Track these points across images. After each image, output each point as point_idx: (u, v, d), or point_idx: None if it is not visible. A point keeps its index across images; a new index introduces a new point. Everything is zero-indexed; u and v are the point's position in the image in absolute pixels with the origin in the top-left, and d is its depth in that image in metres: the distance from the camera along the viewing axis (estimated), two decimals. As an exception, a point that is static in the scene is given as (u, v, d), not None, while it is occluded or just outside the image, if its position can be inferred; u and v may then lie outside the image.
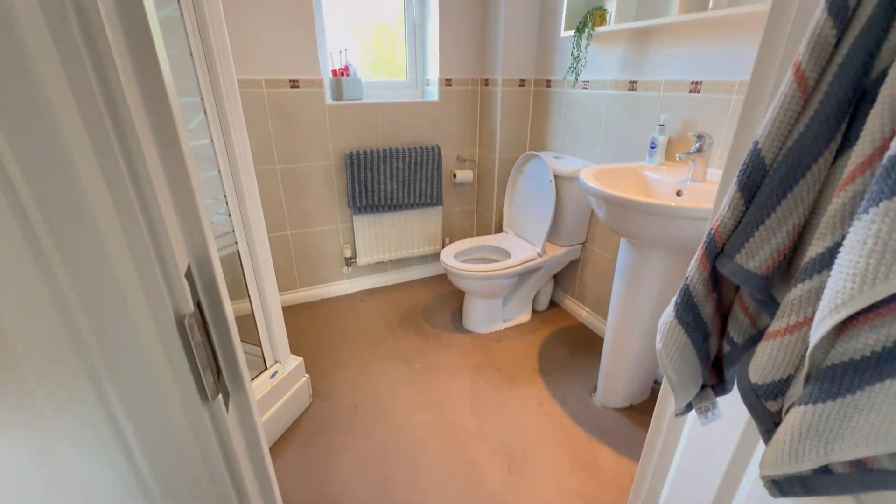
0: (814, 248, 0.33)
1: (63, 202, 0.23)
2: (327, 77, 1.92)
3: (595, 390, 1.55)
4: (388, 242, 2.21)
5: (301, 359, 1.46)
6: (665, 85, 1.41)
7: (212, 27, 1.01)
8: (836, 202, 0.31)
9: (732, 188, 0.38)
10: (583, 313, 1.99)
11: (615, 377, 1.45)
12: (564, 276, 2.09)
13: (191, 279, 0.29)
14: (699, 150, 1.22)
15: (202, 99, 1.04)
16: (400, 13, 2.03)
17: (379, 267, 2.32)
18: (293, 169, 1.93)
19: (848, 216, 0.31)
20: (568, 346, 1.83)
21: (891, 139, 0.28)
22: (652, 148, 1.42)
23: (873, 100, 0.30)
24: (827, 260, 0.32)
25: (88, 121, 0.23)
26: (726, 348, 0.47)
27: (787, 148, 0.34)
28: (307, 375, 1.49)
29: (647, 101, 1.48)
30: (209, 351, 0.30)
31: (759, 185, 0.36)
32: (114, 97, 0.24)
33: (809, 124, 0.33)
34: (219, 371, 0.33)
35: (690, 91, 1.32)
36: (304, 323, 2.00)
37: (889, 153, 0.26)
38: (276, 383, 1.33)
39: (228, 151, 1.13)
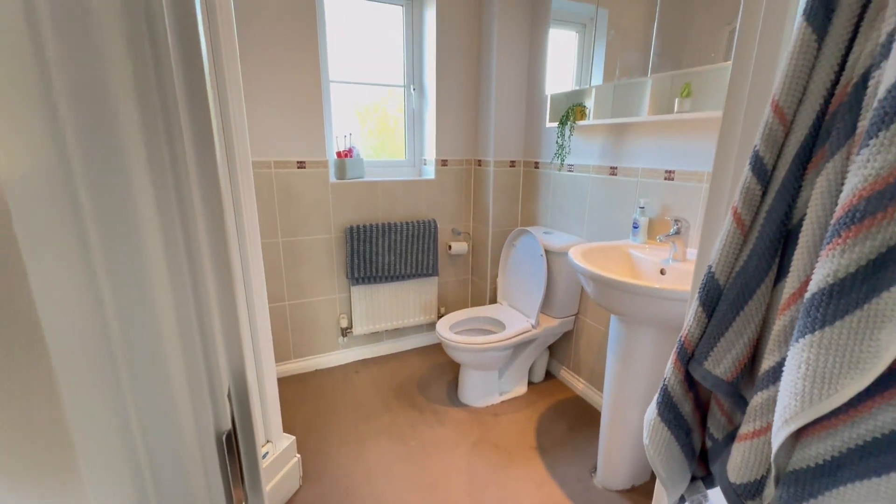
0: (766, 362, 0.38)
1: (142, 330, 0.28)
2: (332, 158, 2.07)
3: (595, 470, 1.51)
4: (385, 312, 2.24)
5: (293, 437, 1.43)
6: (642, 172, 1.54)
7: (234, 125, 1.13)
8: (778, 323, 0.37)
9: (695, 303, 0.44)
10: (579, 385, 1.98)
11: (615, 456, 1.42)
12: (559, 347, 2.11)
13: (230, 397, 0.33)
14: (677, 232, 1.32)
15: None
16: (401, 103, 2.25)
17: (374, 337, 2.32)
18: (295, 242, 2.01)
19: (789, 336, 0.36)
20: (566, 420, 1.80)
21: (811, 277, 0.35)
22: (635, 227, 1.52)
23: (797, 241, 0.37)
24: (778, 373, 0.37)
25: (168, 246, 0.29)
26: (708, 443, 0.50)
27: (736, 273, 0.41)
28: (298, 455, 1.44)
29: (627, 185, 1.61)
30: (238, 461, 0.34)
31: (716, 302, 0.42)
32: (188, 224, 0.30)
33: (750, 255, 0.40)
34: (242, 478, 0.36)
35: (665, 178, 1.46)
36: (296, 396, 1.96)
37: (807, 295, 0.32)
38: (266, 465, 1.29)
39: (239, 232, 1.20)
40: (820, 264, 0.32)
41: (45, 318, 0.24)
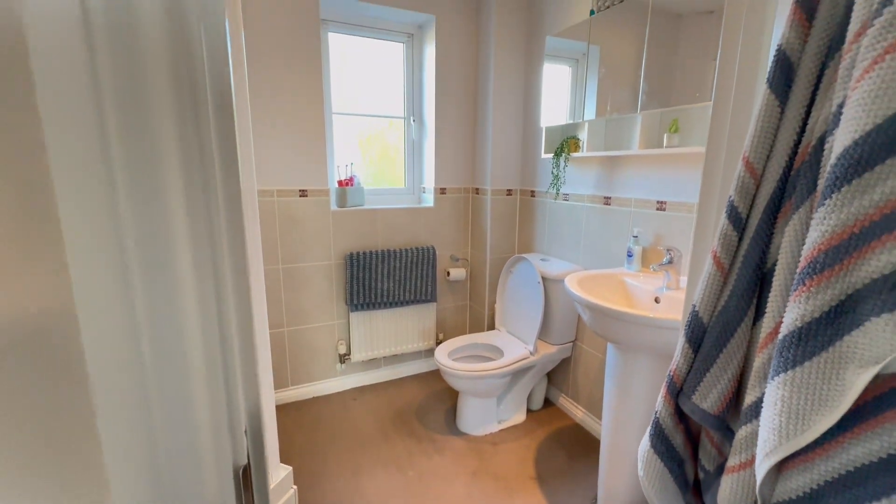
0: (749, 397, 0.41)
1: (175, 378, 0.31)
2: (333, 187, 2.12)
3: (596, 500, 1.49)
4: (383, 338, 2.24)
5: (290, 468, 1.41)
6: (635, 202, 1.60)
7: (241, 157, 1.17)
8: (757, 361, 0.40)
9: (682, 339, 0.47)
10: (578, 413, 1.98)
11: (615, 486, 1.41)
12: (557, 374, 2.11)
13: (246, 433, 0.35)
14: (670, 261, 1.36)
15: (226, 219, 1.16)
16: (401, 133, 2.32)
17: (372, 363, 2.31)
18: (295, 268, 2.03)
19: (767, 373, 0.39)
20: (565, 449, 1.79)
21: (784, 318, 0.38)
22: (629, 256, 1.56)
23: (771, 284, 0.41)
24: (759, 408, 0.40)
25: (201, 291, 0.32)
26: (700, 474, 0.52)
27: (718, 312, 0.44)
28: (294, 487, 1.42)
29: (620, 215, 1.66)
30: (251, 495, 0.36)
31: (701, 339, 0.45)
32: (218, 272, 0.33)
33: (730, 296, 0.43)
34: (254, 510, 0.38)
35: (657, 209, 1.51)
36: (294, 424, 1.94)
37: (779, 336, 0.35)
38: (263, 497, 1.27)
39: (243, 262, 1.23)
40: (789, 308, 0.35)
41: (91, 362, 0.27)
